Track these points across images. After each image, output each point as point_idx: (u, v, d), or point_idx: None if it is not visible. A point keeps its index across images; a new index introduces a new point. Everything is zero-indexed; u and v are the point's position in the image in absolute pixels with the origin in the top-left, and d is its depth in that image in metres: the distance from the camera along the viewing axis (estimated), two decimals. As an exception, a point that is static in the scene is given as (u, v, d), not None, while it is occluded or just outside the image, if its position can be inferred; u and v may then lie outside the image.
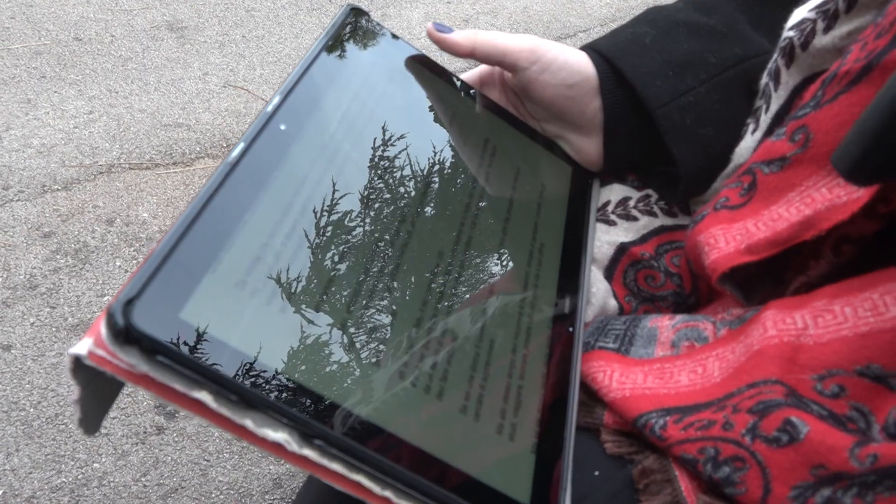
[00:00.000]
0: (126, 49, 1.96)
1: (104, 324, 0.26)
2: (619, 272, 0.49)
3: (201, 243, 0.30)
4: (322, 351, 0.32)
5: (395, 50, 0.49)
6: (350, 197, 0.39)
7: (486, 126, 0.50)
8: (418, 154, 0.44)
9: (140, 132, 1.67)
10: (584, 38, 2.30)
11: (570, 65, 0.48)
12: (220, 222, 0.32)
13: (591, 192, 0.52)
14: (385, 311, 0.36)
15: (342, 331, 0.33)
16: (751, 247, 0.39)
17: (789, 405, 0.32)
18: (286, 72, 1.94)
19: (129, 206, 1.49)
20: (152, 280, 0.28)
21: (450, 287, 0.39)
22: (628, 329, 0.42)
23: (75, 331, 1.23)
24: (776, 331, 0.35)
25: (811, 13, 0.42)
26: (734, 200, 0.42)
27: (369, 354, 0.34)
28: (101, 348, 0.27)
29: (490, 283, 0.42)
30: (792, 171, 0.39)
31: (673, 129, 0.47)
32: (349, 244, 0.37)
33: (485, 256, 0.43)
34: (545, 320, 0.42)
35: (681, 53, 0.48)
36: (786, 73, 0.43)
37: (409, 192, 0.42)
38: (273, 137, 0.36)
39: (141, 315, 0.26)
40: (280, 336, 0.31)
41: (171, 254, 0.29)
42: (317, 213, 0.36)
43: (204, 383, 0.27)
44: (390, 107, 0.45)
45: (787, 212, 0.39)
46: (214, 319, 0.29)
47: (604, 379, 0.40)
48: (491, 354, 0.38)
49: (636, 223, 0.50)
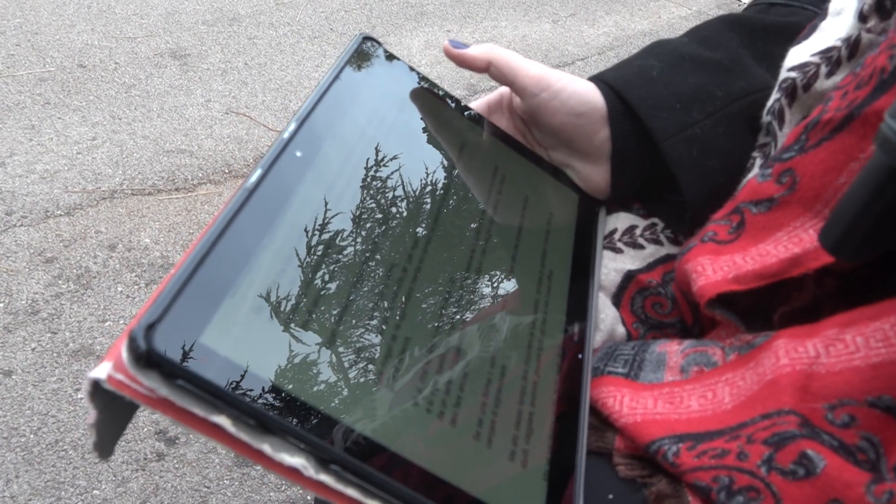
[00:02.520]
0: (129, 76, 1.98)
1: (125, 347, 0.26)
2: (627, 299, 0.49)
3: (221, 267, 0.31)
4: (339, 376, 0.32)
5: (407, 78, 0.50)
6: (366, 223, 0.39)
7: (494, 154, 0.51)
8: (430, 181, 0.45)
9: (143, 158, 1.68)
10: (581, 66, 2.33)
11: (578, 94, 0.49)
12: (239, 247, 0.32)
13: (597, 219, 0.52)
14: (400, 337, 0.36)
15: (358, 356, 0.34)
16: (738, 277, 0.40)
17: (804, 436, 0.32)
18: (288, 98, 1.96)
19: (131, 231, 1.49)
20: (173, 304, 0.28)
21: (461, 313, 0.40)
22: (637, 354, 0.43)
23: (76, 356, 1.22)
24: (788, 359, 0.35)
25: (815, 57, 0.43)
26: (722, 236, 0.43)
27: (386, 379, 0.34)
28: (121, 372, 0.27)
29: (500, 308, 0.42)
30: (780, 211, 0.40)
31: (680, 161, 0.47)
32: (364, 268, 0.37)
33: (495, 282, 0.43)
34: (555, 347, 0.42)
35: (687, 87, 0.49)
36: (789, 113, 0.45)
37: (422, 219, 0.42)
38: (289, 163, 0.37)
39: (162, 339, 0.27)
40: (298, 361, 0.31)
41: (191, 278, 0.29)
42: (334, 238, 0.37)
43: (223, 408, 0.28)
44: (402, 134, 0.46)
45: (776, 249, 0.40)
46: (234, 344, 0.29)
47: (614, 404, 0.40)
48: (502, 380, 0.38)
49: (642, 251, 0.50)
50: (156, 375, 0.27)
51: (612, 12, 2.72)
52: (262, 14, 2.39)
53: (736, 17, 0.53)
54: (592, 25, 2.60)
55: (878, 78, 0.36)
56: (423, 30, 2.41)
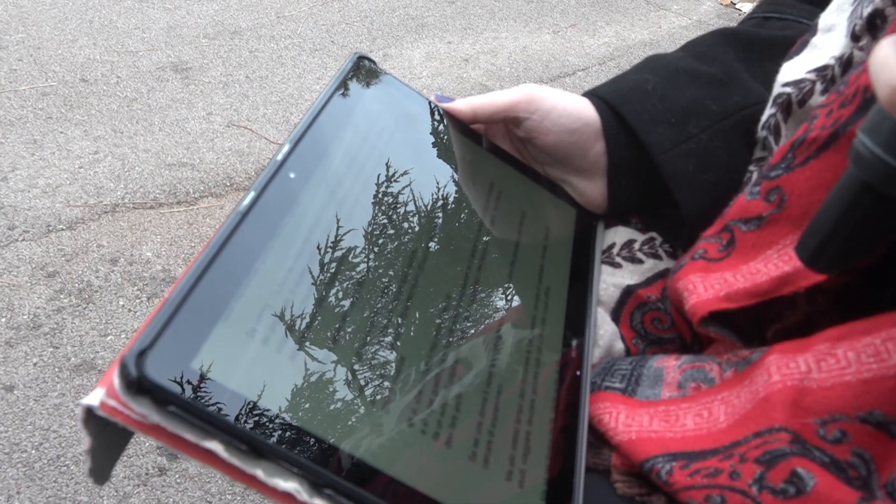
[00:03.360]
0: (131, 90, 1.99)
1: (117, 374, 0.26)
2: (626, 314, 0.49)
3: (213, 292, 0.31)
4: (332, 398, 0.32)
5: (402, 97, 0.50)
6: (358, 243, 0.39)
7: (491, 170, 0.51)
8: (426, 199, 0.45)
9: (144, 172, 1.69)
10: (582, 76, 2.33)
11: (569, 111, 0.49)
12: (231, 271, 0.32)
13: (595, 234, 0.52)
14: (394, 357, 0.36)
15: (352, 378, 0.33)
16: (730, 295, 0.40)
17: (795, 454, 0.32)
18: (289, 111, 1.97)
19: (133, 245, 1.49)
20: (164, 330, 0.28)
21: (457, 331, 0.40)
22: (635, 369, 0.42)
23: (78, 371, 1.22)
24: (780, 376, 0.35)
25: (810, 74, 0.43)
26: (712, 254, 0.43)
27: (379, 401, 0.34)
28: (114, 399, 0.27)
29: (496, 325, 0.42)
30: (769, 230, 0.40)
31: (676, 175, 0.47)
32: (358, 292, 0.37)
33: (492, 299, 0.43)
34: (552, 364, 0.42)
35: (682, 101, 0.49)
36: (784, 128, 0.45)
37: (417, 237, 0.42)
38: (283, 186, 0.37)
39: (153, 365, 0.27)
40: (290, 384, 0.31)
41: (182, 303, 0.29)
42: (326, 259, 0.37)
43: (215, 433, 0.28)
44: (398, 153, 0.46)
45: (766, 267, 0.40)
46: (225, 368, 0.29)
47: (609, 421, 0.40)
48: (499, 399, 0.38)
49: (641, 266, 0.50)
50: (147, 402, 0.27)
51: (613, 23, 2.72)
52: (264, 27, 2.39)
53: (731, 31, 0.53)
54: (593, 36, 2.60)
55: (862, 97, 0.36)
56: (423, 42, 2.42)
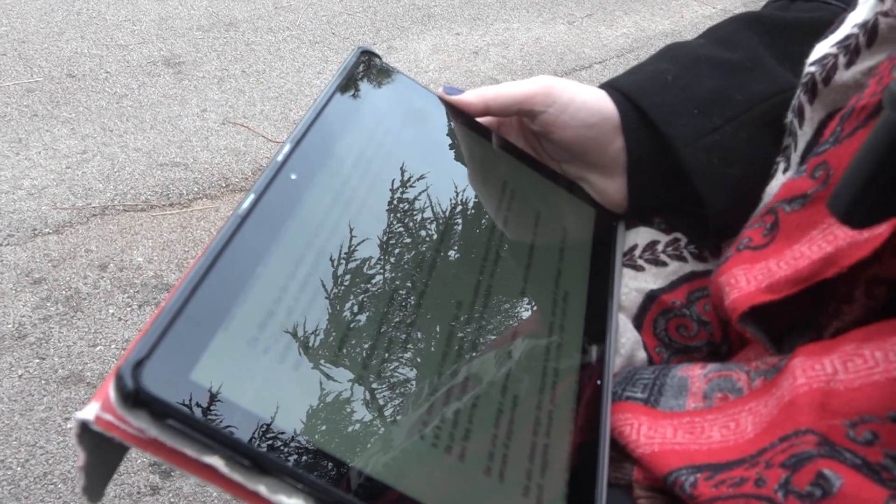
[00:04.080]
0: (121, 86, 2.00)
1: (113, 387, 0.27)
2: (649, 321, 0.49)
3: (212, 300, 0.31)
4: (339, 411, 0.32)
5: (409, 92, 0.50)
6: (365, 247, 0.39)
7: (504, 169, 0.51)
8: (435, 200, 0.45)
9: (135, 172, 1.70)
10: (599, 69, 2.33)
11: (588, 104, 0.49)
12: (231, 277, 0.32)
13: (616, 235, 0.52)
14: (404, 366, 0.36)
15: (360, 388, 0.34)
16: (772, 285, 0.40)
17: (822, 455, 0.32)
18: (288, 107, 1.97)
19: (123, 250, 1.50)
20: (162, 340, 0.28)
21: (470, 340, 0.40)
22: (657, 378, 0.42)
23: (65, 383, 1.23)
24: (805, 378, 0.35)
25: (833, 48, 0.43)
26: (757, 241, 0.43)
27: (388, 413, 0.34)
28: (109, 413, 0.27)
29: (512, 332, 0.42)
30: (814, 208, 0.40)
31: (699, 170, 0.47)
32: (365, 297, 0.37)
33: (506, 306, 0.43)
34: (571, 373, 0.42)
35: (704, 91, 0.49)
36: (809, 109, 0.44)
37: (426, 241, 0.42)
38: (284, 187, 0.37)
39: (151, 377, 0.27)
40: (295, 395, 0.31)
41: (180, 312, 0.29)
42: (330, 264, 0.37)
43: (216, 448, 0.28)
44: (405, 152, 0.46)
45: (809, 249, 0.39)
46: (226, 379, 0.29)
47: (631, 433, 0.40)
48: (515, 410, 0.38)
49: (665, 268, 0.50)
50: (145, 415, 0.27)
51: (632, 12, 2.72)
52: (261, 19, 2.41)
53: (755, 15, 0.53)
54: (611, 26, 2.61)
55: None
56: (430, 33, 2.42)
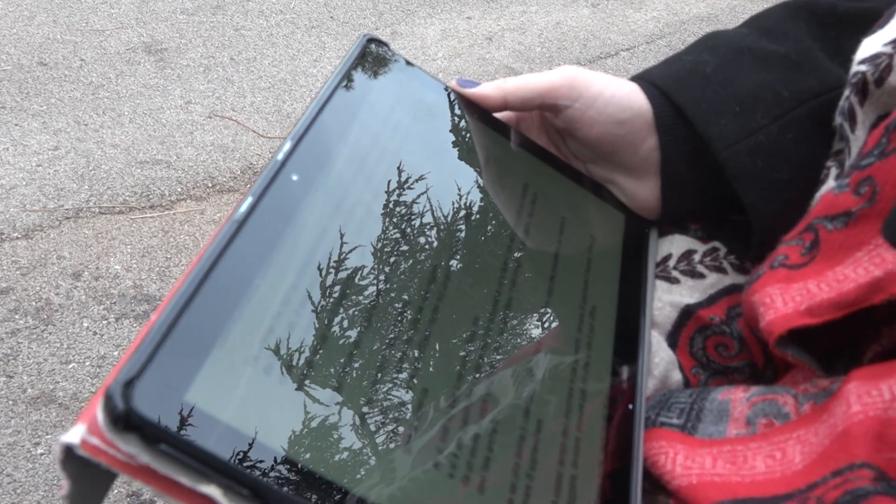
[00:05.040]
0: (97, 75, 2.01)
1: (101, 408, 0.27)
2: (685, 339, 0.49)
3: (207, 313, 0.31)
4: (344, 436, 0.33)
5: (420, 85, 0.50)
6: (372, 256, 0.39)
7: (524, 169, 0.51)
8: (448, 204, 0.45)
9: (112, 171, 1.71)
10: (626, 57, 2.34)
11: (618, 99, 0.49)
12: (229, 289, 0.32)
13: (648, 243, 0.52)
14: (416, 388, 0.36)
15: (368, 413, 0.34)
16: (812, 308, 0.40)
17: (880, 493, 0.32)
18: (281, 99, 1.98)
19: (99, 256, 1.51)
20: (154, 357, 0.28)
21: (487, 359, 0.40)
22: (695, 402, 0.43)
23: (35, 404, 1.24)
24: (860, 405, 0.35)
25: (887, 47, 0.43)
26: (794, 259, 0.43)
27: (398, 441, 0.34)
28: (97, 436, 0.27)
29: (534, 352, 0.42)
30: (858, 227, 0.40)
31: (742, 174, 0.47)
32: (372, 310, 0.37)
33: (527, 322, 0.43)
34: (600, 397, 0.42)
35: (748, 86, 0.49)
36: (861, 112, 0.44)
37: (440, 249, 0.43)
38: (284, 190, 0.37)
39: (142, 398, 0.27)
40: (298, 420, 0.32)
41: (173, 326, 0.30)
42: (336, 274, 0.37)
43: (212, 476, 0.28)
44: (416, 150, 0.46)
45: (855, 272, 0.39)
46: (224, 401, 0.30)
47: (666, 463, 0.40)
48: (538, 437, 0.38)
49: (703, 281, 0.50)
50: (136, 439, 0.27)
51: (663, -8, 2.73)
52: (251, 1, 2.42)
53: (804, 2, 0.53)
54: (639, 9, 2.61)
55: None
56: (439, 17, 2.43)
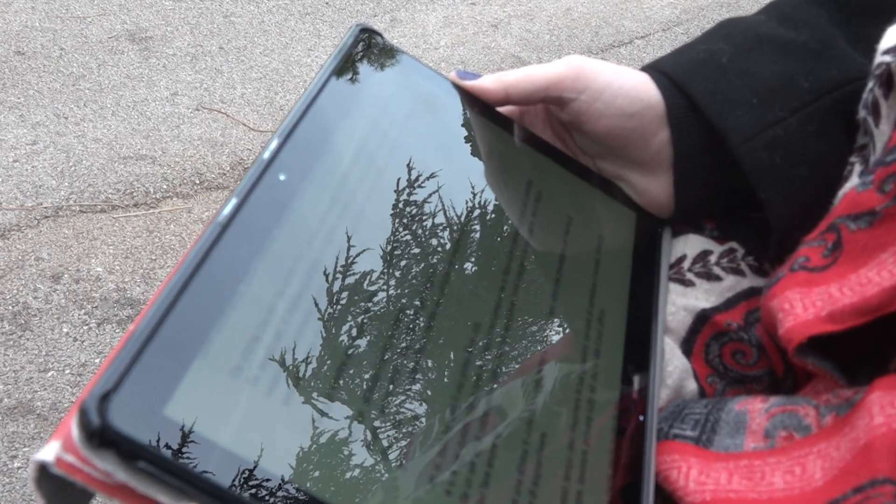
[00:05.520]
0: (78, 65, 2.01)
1: (76, 423, 0.27)
2: (700, 346, 0.49)
3: (188, 322, 0.31)
4: (336, 453, 0.33)
5: (417, 77, 0.50)
6: (366, 260, 0.39)
7: (528, 166, 0.51)
8: (447, 204, 0.45)
9: (94, 166, 1.71)
10: (641, 45, 2.33)
11: (626, 90, 0.49)
12: (211, 296, 0.32)
13: (661, 244, 0.52)
14: (412, 401, 0.36)
15: (361, 427, 0.34)
16: (834, 314, 0.40)
17: None
18: (273, 90, 1.99)
19: (80, 258, 1.51)
20: (132, 369, 0.28)
21: (489, 368, 0.40)
22: (711, 413, 0.43)
23: (12, 415, 1.24)
24: (883, 417, 0.35)
25: None
26: (815, 261, 0.43)
27: (394, 456, 0.34)
28: (72, 453, 0.27)
29: (539, 359, 0.42)
30: (884, 227, 0.40)
31: (760, 169, 0.47)
32: (366, 318, 0.37)
33: (531, 328, 0.43)
34: (609, 408, 0.42)
35: (766, 77, 0.49)
36: (885, 106, 0.44)
37: (437, 252, 0.43)
38: (271, 190, 0.37)
39: (119, 412, 0.27)
40: (285, 434, 0.32)
41: (152, 336, 0.30)
42: (326, 280, 0.37)
43: (194, 494, 0.28)
44: (412, 147, 0.46)
45: (879, 276, 0.39)
46: (206, 415, 0.30)
47: (678, 478, 0.40)
48: (542, 451, 0.38)
49: (719, 284, 0.50)
50: (112, 456, 0.27)
51: (678, -24, 2.72)
52: (241, -14, 2.42)
53: None
54: (652, -7, 2.61)
55: None
56: (440, 2, 2.43)
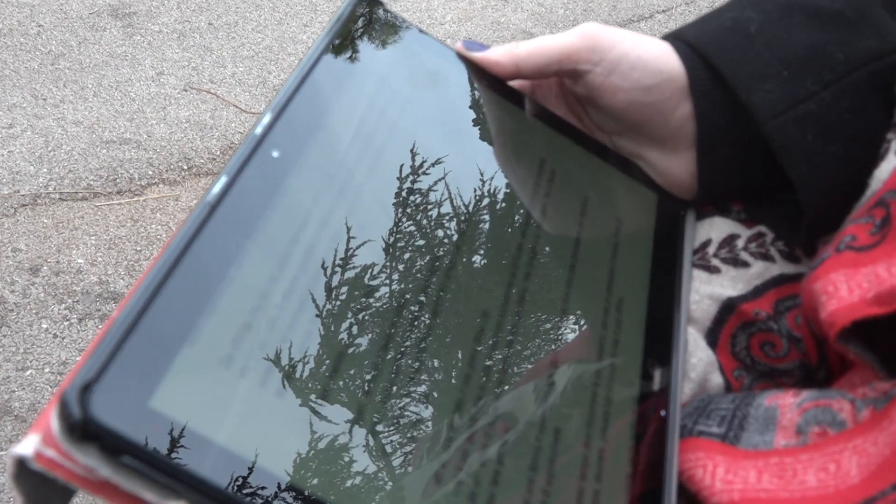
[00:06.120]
0: (57, 42, 2.02)
1: (56, 415, 0.27)
2: (726, 337, 0.49)
3: (175, 308, 0.31)
4: (334, 447, 0.33)
5: (420, 49, 0.50)
6: (366, 244, 0.39)
7: (541, 143, 0.51)
8: (453, 186, 0.45)
9: (74, 151, 1.71)
10: (663, 20, 2.33)
11: (645, 61, 0.49)
12: (200, 280, 0.32)
13: (683, 227, 0.52)
14: (417, 394, 0.36)
15: (361, 421, 0.34)
16: (881, 296, 0.40)
17: None
18: (266, 69, 1.99)
19: (60, 249, 1.51)
20: (115, 358, 0.28)
21: (499, 360, 0.40)
22: (738, 409, 0.43)
23: (-12, 417, 1.24)
24: None
25: None
26: (863, 240, 0.43)
27: (397, 453, 0.34)
28: (52, 448, 0.27)
29: (552, 353, 0.42)
30: None
31: (790, 147, 0.47)
32: (367, 306, 0.37)
33: (544, 318, 0.43)
34: (628, 403, 0.42)
35: (797, 47, 0.49)
36: None
37: (443, 236, 0.43)
38: (264, 168, 0.37)
39: (102, 404, 0.27)
40: (279, 428, 0.32)
41: (137, 323, 0.30)
42: (324, 265, 0.37)
43: (182, 491, 0.28)
44: (415, 124, 0.46)
45: None
46: (195, 408, 0.30)
47: (704, 477, 0.40)
48: (557, 450, 0.38)
49: (747, 270, 0.50)
50: (95, 451, 0.27)
51: (702, -56, 2.72)
52: (231, -43, 2.42)
53: None
54: (675, -37, 2.60)
55: None
56: (445, -27, 2.43)
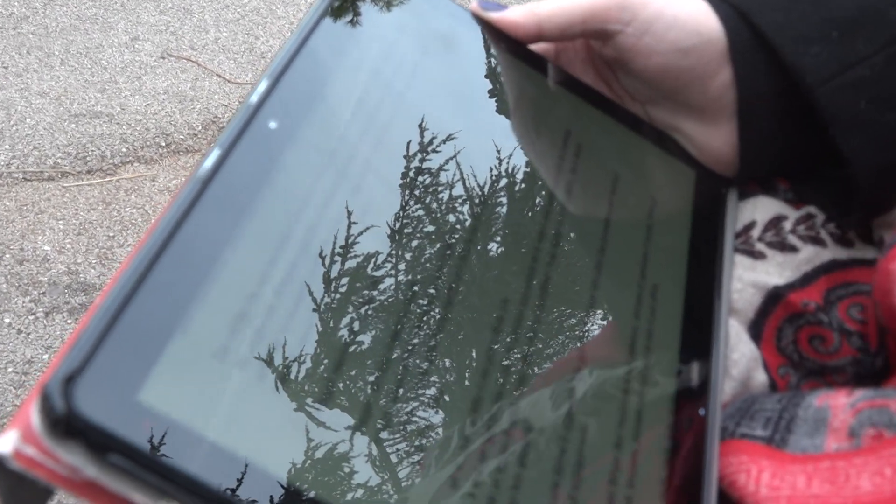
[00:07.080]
0: (19, 4, 2.01)
1: (36, 410, 0.27)
2: (772, 330, 0.49)
3: (166, 293, 0.31)
4: (334, 447, 0.33)
5: (431, 9, 0.50)
6: (370, 226, 0.40)
7: (566, 114, 0.51)
8: (467, 162, 0.45)
9: (40, 126, 1.71)
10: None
11: (681, 21, 0.49)
12: (191, 263, 0.33)
13: (725, 208, 0.52)
14: (428, 392, 0.37)
15: (366, 419, 0.34)
16: None
17: None
18: (253, 34, 1.98)
19: (24, 234, 1.52)
20: (101, 347, 0.29)
21: (520, 354, 0.40)
22: (785, 409, 0.43)
23: (-54, 422, 1.25)
24: None
25: None
26: None
27: (402, 459, 0.35)
28: (32, 445, 0.28)
29: (579, 346, 0.42)
30: None
31: (842, 116, 0.47)
32: (372, 294, 0.38)
33: (570, 307, 0.44)
34: (663, 401, 0.43)
35: (847, 6, 0.49)
36: None
37: (457, 218, 0.43)
38: (260, 140, 0.38)
39: (87, 397, 0.28)
40: (277, 425, 0.32)
41: (124, 309, 0.30)
42: (325, 248, 0.38)
43: (173, 492, 0.28)
44: (427, 91, 0.46)
45: None
46: (186, 402, 0.30)
47: (748, 483, 0.40)
48: (584, 453, 0.39)
49: (795, 256, 0.50)
50: (79, 448, 0.28)
51: None
52: None
53: None
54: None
55: None
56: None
